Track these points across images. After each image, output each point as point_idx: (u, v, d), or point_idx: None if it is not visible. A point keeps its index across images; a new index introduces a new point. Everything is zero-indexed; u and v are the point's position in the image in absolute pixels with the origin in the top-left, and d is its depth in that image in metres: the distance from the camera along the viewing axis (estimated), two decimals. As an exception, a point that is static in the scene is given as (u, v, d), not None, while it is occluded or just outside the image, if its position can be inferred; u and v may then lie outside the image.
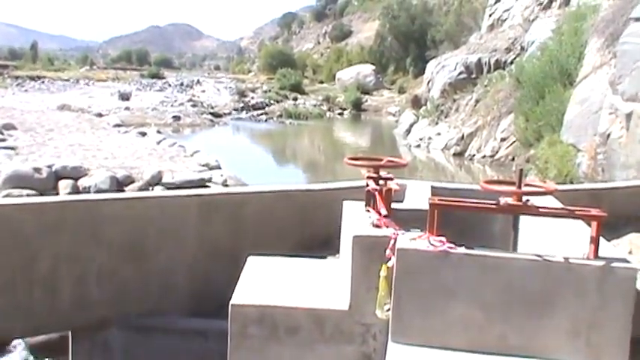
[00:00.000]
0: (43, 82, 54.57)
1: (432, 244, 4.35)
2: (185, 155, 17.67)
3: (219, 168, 16.15)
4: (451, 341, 4.35)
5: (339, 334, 4.71)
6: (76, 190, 13.18)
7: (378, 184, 5.08)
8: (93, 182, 13.50)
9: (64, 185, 13.47)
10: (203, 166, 15.84)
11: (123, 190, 13.06)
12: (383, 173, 5.22)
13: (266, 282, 5.21)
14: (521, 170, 4.64)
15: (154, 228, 6.43)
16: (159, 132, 24.56)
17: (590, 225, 4.44)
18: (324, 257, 6.24)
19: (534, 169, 16.09)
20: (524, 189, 4.55)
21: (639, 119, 9.83)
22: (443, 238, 4.37)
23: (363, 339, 4.71)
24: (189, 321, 6.38)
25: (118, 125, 25.26)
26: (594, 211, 4.44)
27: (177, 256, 6.52)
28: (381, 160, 5.37)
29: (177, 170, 14.84)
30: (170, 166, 15.44)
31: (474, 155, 24.31)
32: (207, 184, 13.84)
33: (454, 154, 25.14)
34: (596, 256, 4.35)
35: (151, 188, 13.47)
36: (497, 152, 23.24)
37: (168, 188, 12.73)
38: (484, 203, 4.56)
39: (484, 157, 23.70)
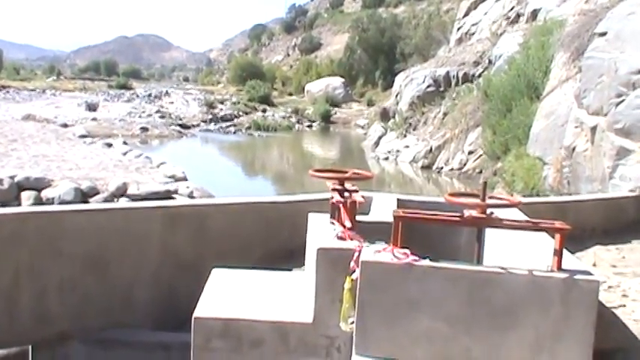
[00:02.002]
0: (8, 92, 53.81)
1: (396, 257, 4.32)
2: (151, 167, 17.55)
3: (186, 180, 16.05)
4: (415, 354, 4.32)
5: (303, 347, 4.67)
6: (39, 202, 13.02)
7: (342, 197, 5.05)
8: (57, 193, 13.34)
9: (27, 196, 13.30)
10: (169, 177, 15.74)
11: (87, 202, 12.92)
12: (348, 185, 5.19)
13: (230, 294, 5.15)
14: (485, 183, 4.64)
15: (117, 240, 6.34)
16: (125, 143, 24.35)
17: (554, 237, 4.46)
18: (289, 270, 6.19)
19: (501, 181, 16.18)
20: (489, 201, 4.56)
21: (604, 133, 9.93)
22: (407, 251, 4.35)
23: (327, 352, 4.67)
24: (153, 334, 6.30)
25: (84, 136, 25.05)
26: (558, 224, 4.45)
27: (140, 268, 6.44)
28: (347, 172, 5.34)
29: (143, 182, 14.72)
30: (136, 177, 15.31)
31: (441, 168, 24.42)
32: (173, 195, 13.75)
33: (422, 167, 25.23)
34: (560, 269, 4.36)
35: (116, 200, 13.34)
36: (464, 165, 23.37)
37: (134, 200, 12.62)
38: (449, 216, 4.55)
39: (452, 169, 23.81)
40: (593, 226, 8.11)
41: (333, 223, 5.05)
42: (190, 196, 13.84)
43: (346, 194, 5.09)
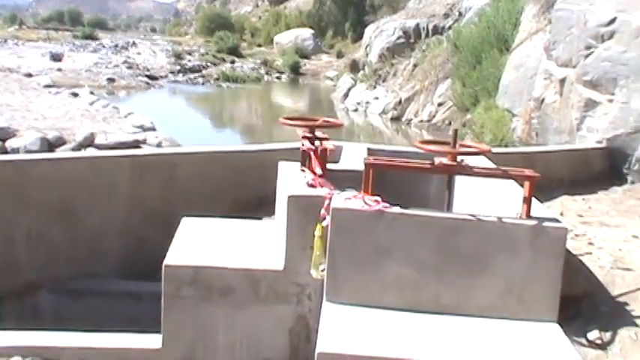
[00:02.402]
0: (-34, 42, 52.65)
1: (366, 204, 4.33)
2: (119, 117, 17.32)
3: (154, 130, 15.89)
4: (386, 300, 4.36)
5: (273, 295, 4.68)
6: (3, 152, 12.81)
7: (313, 144, 5.02)
8: (22, 143, 13.14)
9: (-10, 147, 13.09)
10: (137, 127, 15.56)
11: (54, 152, 12.74)
12: (318, 133, 5.17)
13: (200, 243, 5.14)
14: (456, 131, 4.65)
15: (85, 189, 6.28)
16: (92, 93, 23.97)
17: (523, 186, 4.49)
18: (260, 218, 6.19)
19: (470, 133, 16.22)
20: (459, 149, 4.56)
21: (572, 85, 9.96)
22: (378, 198, 4.35)
23: (297, 299, 4.69)
24: (123, 283, 6.29)
25: (49, 86, 24.59)
26: (527, 172, 4.48)
27: (109, 218, 6.39)
28: (317, 120, 5.31)
29: (111, 132, 14.55)
30: (103, 127, 15.12)
31: (411, 120, 24.43)
32: (142, 145, 13.62)
33: (391, 119, 25.21)
34: (529, 216, 4.40)
35: (83, 149, 13.18)
36: (434, 117, 23.39)
37: (102, 150, 12.47)
38: (419, 163, 4.55)
39: (421, 121, 23.83)
40: (561, 176, 8.18)
41: (303, 171, 5.03)
42: (159, 146, 13.71)
43: (317, 142, 5.06)
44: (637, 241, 5.94)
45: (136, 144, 13.53)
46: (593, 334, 4.53)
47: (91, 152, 12.20)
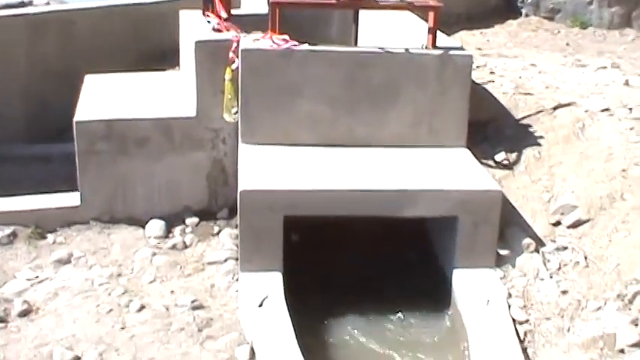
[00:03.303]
0: None
1: (275, 43, 4.31)
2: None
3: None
4: (300, 137, 4.44)
5: (188, 142, 4.68)
6: None
7: (215, -12, 4.89)
8: None
9: None
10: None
11: None
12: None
13: (109, 98, 5.04)
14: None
15: (-22, 53, 5.98)
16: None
17: (427, 19, 4.54)
18: (164, 70, 6.09)
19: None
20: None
21: None
22: (286, 37, 4.34)
23: (213, 144, 4.71)
24: (30, 147, 6.11)
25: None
26: (431, 2, 4.53)
27: (7, 81, 6.12)
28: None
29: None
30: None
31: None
32: (29, 6, 12.89)
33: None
34: (435, 46, 4.49)
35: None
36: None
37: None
38: (325, 0, 4.55)
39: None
40: (459, 12, 8.27)
41: (207, 16, 4.91)
42: (47, 3, 13.01)
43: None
44: (535, 69, 6.16)
45: (22, 5, 12.81)
46: (500, 156, 4.75)
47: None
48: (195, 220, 4.73)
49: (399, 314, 4.03)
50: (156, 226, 4.65)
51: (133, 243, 4.54)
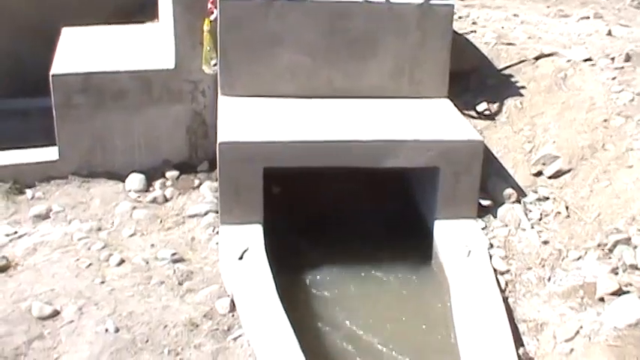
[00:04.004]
0: None
1: (254, -7, 4.24)
2: None
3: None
4: (280, 89, 4.40)
5: (167, 95, 4.61)
6: None
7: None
8: None
9: None
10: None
11: None
12: None
13: (86, 51, 4.95)
14: None
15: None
16: None
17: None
18: (143, 23, 5.99)
19: None
20: None
21: None
22: (264, -14, 4.27)
23: (192, 96, 4.65)
24: (7, 102, 6.04)
25: None
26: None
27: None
28: None
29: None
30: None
31: None
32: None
33: None
34: (415, -5, 4.43)
35: None
36: None
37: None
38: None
39: None
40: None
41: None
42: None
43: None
44: (517, 19, 6.11)
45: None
46: (482, 106, 4.73)
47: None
48: (176, 173, 4.68)
49: (380, 265, 4.03)
50: (136, 179, 4.60)
51: (112, 197, 4.49)
